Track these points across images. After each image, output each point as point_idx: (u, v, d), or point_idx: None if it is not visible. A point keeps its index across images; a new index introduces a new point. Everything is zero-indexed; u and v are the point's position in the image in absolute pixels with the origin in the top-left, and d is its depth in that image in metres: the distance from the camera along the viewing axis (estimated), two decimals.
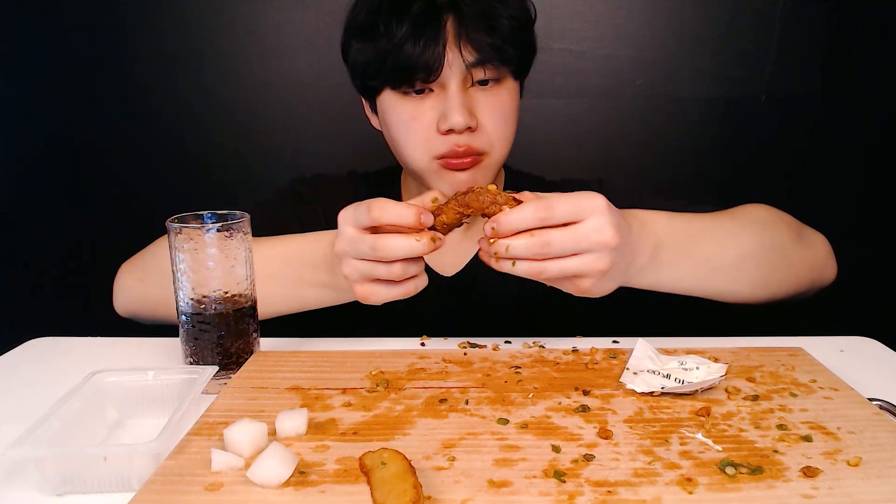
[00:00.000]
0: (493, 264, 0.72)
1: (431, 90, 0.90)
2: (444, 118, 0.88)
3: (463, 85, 0.89)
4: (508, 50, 0.89)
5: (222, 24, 1.56)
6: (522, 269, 0.71)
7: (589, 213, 0.69)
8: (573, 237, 0.69)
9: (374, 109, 0.98)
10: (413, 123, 0.91)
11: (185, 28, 1.55)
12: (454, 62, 0.87)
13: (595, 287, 0.73)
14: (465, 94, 0.89)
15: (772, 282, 0.88)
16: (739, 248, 0.85)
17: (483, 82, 0.90)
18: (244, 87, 1.59)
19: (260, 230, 0.82)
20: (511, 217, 0.69)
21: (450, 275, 1.04)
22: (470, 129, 0.89)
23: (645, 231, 0.78)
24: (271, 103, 1.59)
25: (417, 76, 0.88)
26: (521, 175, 1.11)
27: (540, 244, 0.69)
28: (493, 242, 0.70)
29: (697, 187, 1.60)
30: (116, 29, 1.56)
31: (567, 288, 0.75)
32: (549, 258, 0.70)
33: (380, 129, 1.00)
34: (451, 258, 1.04)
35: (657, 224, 0.80)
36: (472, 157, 0.91)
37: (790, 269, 0.90)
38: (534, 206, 0.68)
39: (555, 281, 0.74)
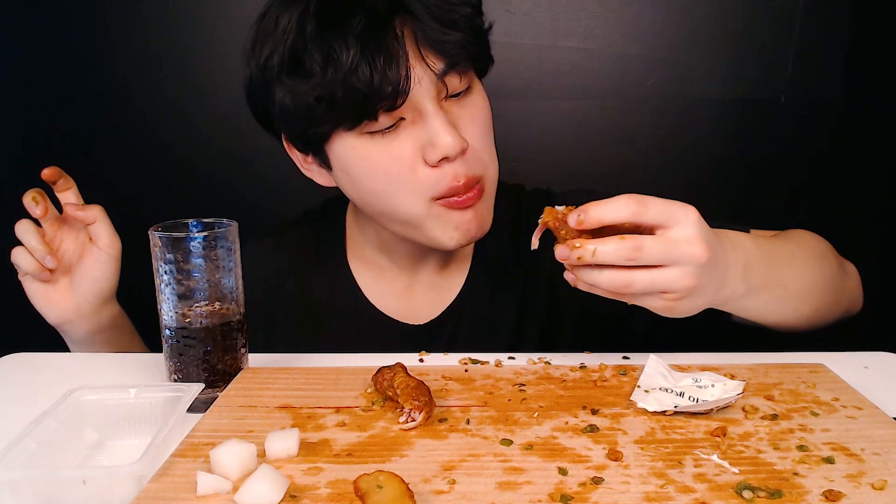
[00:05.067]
0: (572, 277, 0.69)
1: (402, 118, 0.80)
2: (433, 146, 0.79)
3: (438, 101, 0.81)
4: (473, 45, 0.82)
5: (208, 18, 1.57)
6: (607, 280, 0.66)
7: (680, 220, 0.66)
8: (663, 245, 0.65)
9: (324, 163, 0.88)
10: (394, 165, 0.81)
11: (170, 22, 1.56)
12: (422, 76, 0.78)
13: (681, 305, 0.70)
14: (445, 110, 0.81)
15: (825, 311, 0.88)
16: (809, 276, 0.84)
17: (455, 94, 0.83)
18: (233, 85, 1.59)
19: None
20: (602, 207, 0.64)
21: (422, 322, 1.00)
22: (463, 150, 0.81)
23: (737, 251, 0.74)
24: None
25: (382, 104, 0.77)
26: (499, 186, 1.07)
27: (632, 248, 0.64)
28: (578, 247, 0.65)
29: (712, 192, 1.60)
30: (97, 22, 1.57)
31: (652, 304, 0.70)
32: (636, 266, 0.66)
33: (331, 184, 0.92)
34: (424, 307, 1.01)
35: (747, 245, 0.76)
36: (477, 189, 0.84)
37: (839, 298, 0.90)
38: (627, 198, 0.65)
39: (640, 297, 0.69)
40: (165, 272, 0.75)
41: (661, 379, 0.75)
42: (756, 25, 1.53)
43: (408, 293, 1.01)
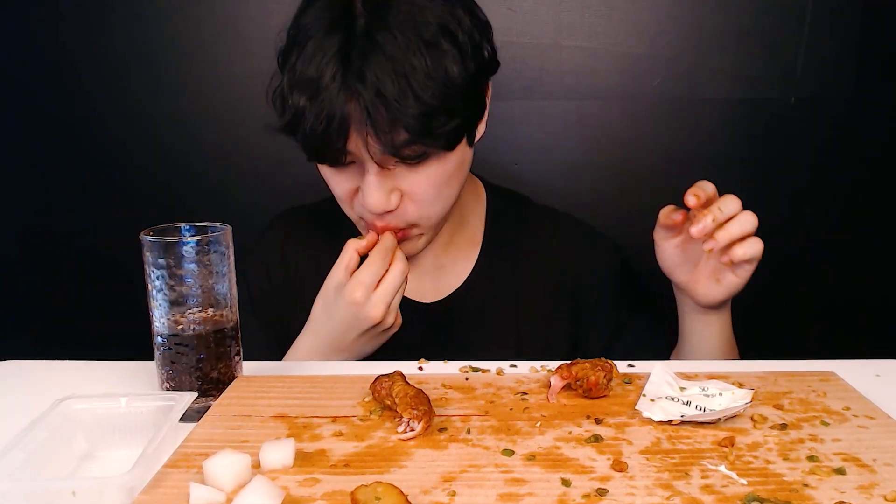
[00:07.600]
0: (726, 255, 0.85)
1: (353, 162, 0.89)
2: (362, 195, 0.89)
3: (382, 164, 0.86)
4: (418, 142, 0.84)
5: (203, 17, 1.57)
6: (734, 232, 0.84)
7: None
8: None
9: None
10: (337, 188, 0.93)
11: (163, 21, 1.57)
12: (370, 145, 0.84)
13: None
14: (386, 172, 0.88)
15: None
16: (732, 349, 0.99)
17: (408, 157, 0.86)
18: (229, 87, 1.60)
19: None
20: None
21: (430, 301, 1.06)
22: (389, 210, 0.89)
23: None
24: (256, 101, 1.60)
25: (325, 158, 0.88)
26: (503, 192, 1.13)
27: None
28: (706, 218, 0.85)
29: (719, 194, 1.60)
30: (94, 23, 1.57)
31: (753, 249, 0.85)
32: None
33: None
34: (429, 288, 1.07)
35: None
36: (400, 234, 0.93)
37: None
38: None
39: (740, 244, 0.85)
40: (157, 277, 0.75)
41: (668, 387, 0.75)
42: (765, 23, 1.53)
43: (413, 274, 1.06)
